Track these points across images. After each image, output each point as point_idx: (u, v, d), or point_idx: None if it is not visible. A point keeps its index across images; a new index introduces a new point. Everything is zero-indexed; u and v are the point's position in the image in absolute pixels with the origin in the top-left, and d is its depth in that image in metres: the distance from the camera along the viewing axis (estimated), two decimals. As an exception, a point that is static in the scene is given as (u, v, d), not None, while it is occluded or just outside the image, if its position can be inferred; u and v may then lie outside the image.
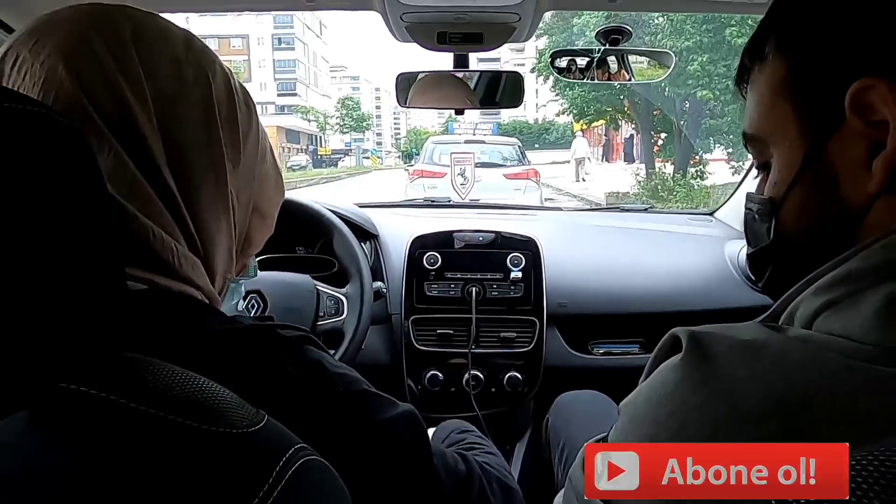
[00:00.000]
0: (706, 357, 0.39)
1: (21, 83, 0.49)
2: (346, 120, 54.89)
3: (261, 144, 0.62)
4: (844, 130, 0.43)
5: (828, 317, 0.39)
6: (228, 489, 0.40)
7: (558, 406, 1.25)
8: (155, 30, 0.54)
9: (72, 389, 0.39)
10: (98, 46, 0.49)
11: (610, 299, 1.60)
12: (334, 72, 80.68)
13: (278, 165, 0.67)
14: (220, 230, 0.56)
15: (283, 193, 0.69)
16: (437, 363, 1.56)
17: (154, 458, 0.39)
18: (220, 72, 0.57)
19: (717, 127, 12.66)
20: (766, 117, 0.49)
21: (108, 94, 0.49)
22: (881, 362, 0.34)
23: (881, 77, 0.40)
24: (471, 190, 5.65)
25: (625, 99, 16.13)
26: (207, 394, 0.43)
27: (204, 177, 0.54)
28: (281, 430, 0.46)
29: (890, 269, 0.38)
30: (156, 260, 0.51)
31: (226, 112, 0.56)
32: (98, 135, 0.48)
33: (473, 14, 1.16)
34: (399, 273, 1.58)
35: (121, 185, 0.48)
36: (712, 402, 0.37)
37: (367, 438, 0.54)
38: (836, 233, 0.45)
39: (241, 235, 0.61)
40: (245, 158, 0.59)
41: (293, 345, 0.54)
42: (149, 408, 0.40)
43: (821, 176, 0.45)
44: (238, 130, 0.58)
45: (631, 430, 0.43)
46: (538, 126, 47.74)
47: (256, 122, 0.62)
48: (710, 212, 2.02)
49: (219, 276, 0.58)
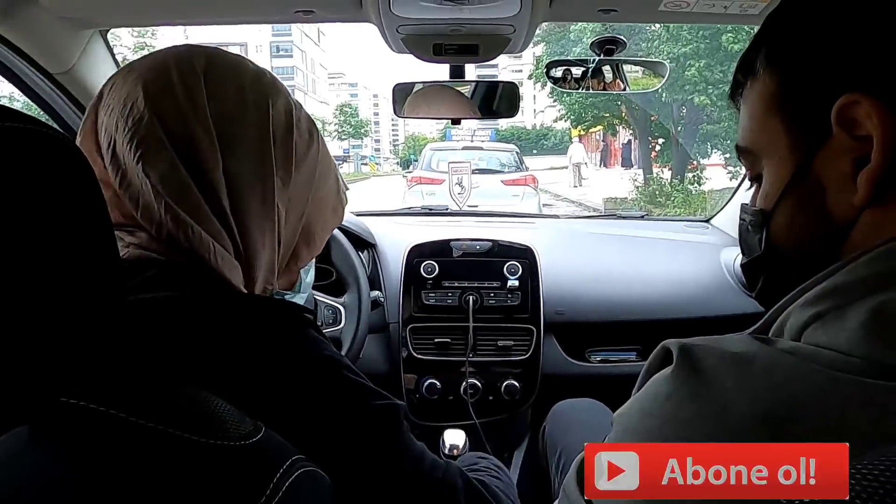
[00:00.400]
0: (696, 370, 0.39)
1: (112, 102, 0.59)
2: (344, 127, 54.83)
3: (319, 170, 0.67)
4: (831, 145, 0.43)
5: (815, 329, 0.39)
6: (226, 500, 0.40)
7: (555, 414, 1.25)
8: (225, 63, 0.62)
9: (72, 404, 0.40)
10: (173, 75, 0.58)
11: (607, 307, 1.60)
12: (332, 79, 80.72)
13: (343, 194, 0.73)
14: (263, 240, 0.61)
15: (340, 220, 0.74)
16: (435, 371, 1.56)
17: (152, 471, 0.39)
18: (282, 101, 0.64)
19: (713, 132, 12.67)
20: (758, 131, 0.50)
21: (173, 113, 0.57)
22: (868, 374, 0.34)
23: (866, 93, 0.41)
24: (468, 199, 5.64)
25: (622, 105, 16.12)
26: (206, 407, 0.44)
27: (252, 189, 0.59)
28: (278, 442, 0.46)
29: (875, 282, 0.38)
30: (193, 255, 0.56)
31: (282, 135, 0.62)
32: (158, 146, 0.56)
33: (469, 26, 1.17)
34: (397, 282, 1.58)
35: (172, 190, 0.56)
36: (702, 414, 0.37)
37: (347, 423, 0.57)
38: (825, 246, 0.45)
39: (287, 250, 0.66)
40: (299, 179, 0.64)
41: (303, 323, 0.59)
42: (147, 421, 0.40)
43: (809, 189, 0.45)
44: (292, 153, 0.63)
45: (625, 441, 0.43)
46: (536, 132, 47.63)
47: (318, 150, 0.67)
48: (707, 219, 2.03)
49: (259, 283, 0.62)
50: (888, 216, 0.42)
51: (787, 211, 0.48)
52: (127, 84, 0.59)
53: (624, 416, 0.44)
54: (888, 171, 0.41)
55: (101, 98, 0.60)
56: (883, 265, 0.39)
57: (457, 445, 1.42)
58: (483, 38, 1.22)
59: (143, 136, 0.56)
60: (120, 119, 0.57)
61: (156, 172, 0.56)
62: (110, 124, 0.58)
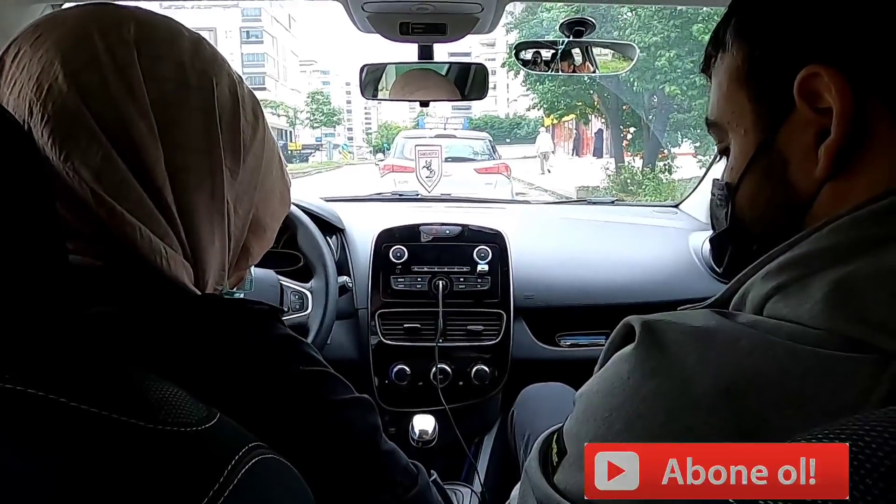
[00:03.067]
0: (659, 345, 0.39)
1: (18, 76, 0.49)
2: (316, 115, 54.41)
3: (266, 156, 0.61)
4: (794, 118, 0.44)
5: (777, 301, 0.40)
6: (175, 489, 0.38)
7: (524, 398, 1.26)
8: (159, 32, 0.53)
9: (8, 389, 0.38)
10: (98, 46, 0.49)
11: (577, 291, 1.61)
12: (304, 66, 79.77)
13: (287, 178, 0.67)
14: (213, 238, 0.56)
15: (288, 206, 0.68)
16: (405, 357, 1.55)
17: (95, 458, 0.38)
18: (226, 78, 0.56)
19: (684, 121, 12.87)
20: (725, 104, 0.50)
21: (103, 95, 0.48)
22: (828, 346, 0.34)
23: (828, 65, 0.41)
24: (437, 182, 5.60)
25: (594, 94, 16.28)
26: (153, 392, 0.42)
27: (200, 183, 0.54)
28: (234, 428, 0.45)
29: (836, 254, 0.38)
30: (141, 261, 0.50)
31: (228, 119, 0.56)
32: (89, 134, 0.48)
33: (436, 4, 1.15)
34: (365, 267, 1.57)
35: (109, 185, 0.48)
36: (664, 389, 0.37)
37: (316, 417, 0.54)
38: (788, 219, 0.46)
39: (237, 246, 0.61)
40: (246, 168, 0.58)
41: (261, 317, 0.54)
42: (91, 406, 0.38)
43: (773, 162, 0.46)
44: (240, 139, 0.57)
45: (586, 420, 0.43)
46: (509, 121, 47.89)
47: (263, 132, 0.61)
48: (676, 204, 2.05)
49: (209, 285, 0.57)
50: (849, 188, 0.42)
51: (752, 184, 0.48)
52: (38, 57, 0.49)
53: (585, 395, 0.44)
54: (848, 143, 0.41)
55: (2, 69, 0.50)
56: (844, 236, 0.39)
57: (426, 431, 1.42)
58: (450, 17, 1.20)
59: (70, 126, 0.48)
60: (35, 103, 0.48)
61: (89, 168, 0.48)
62: (20, 107, 0.48)
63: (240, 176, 0.57)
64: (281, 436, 0.48)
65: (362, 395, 0.59)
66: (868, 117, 0.41)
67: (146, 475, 0.38)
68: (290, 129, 53.22)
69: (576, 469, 0.41)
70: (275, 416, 0.51)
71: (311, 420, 0.53)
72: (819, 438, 0.28)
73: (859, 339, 0.34)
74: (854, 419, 0.28)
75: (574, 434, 0.43)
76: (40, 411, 0.37)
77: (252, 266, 0.67)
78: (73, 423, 0.38)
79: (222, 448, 0.42)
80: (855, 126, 0.41)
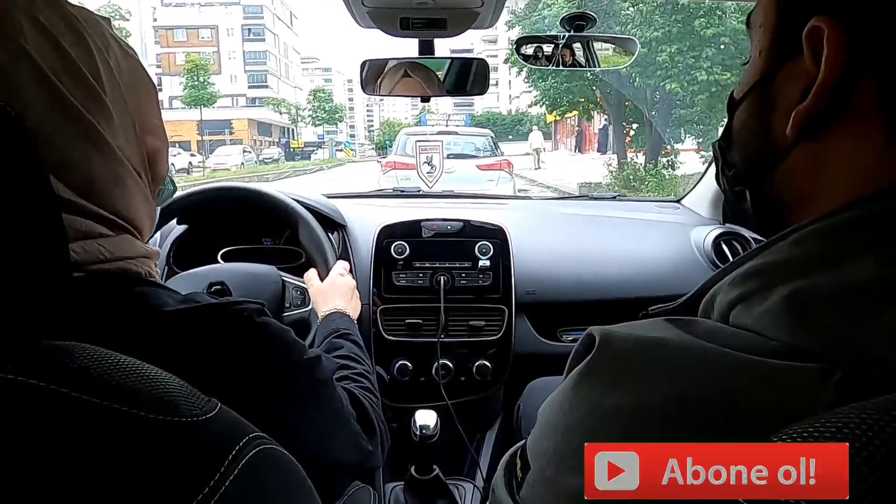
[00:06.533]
0: (615, 358, 0.40)
1: None
2: (318, 112, 54.27)
3: (124, 78, 0.57)
4: (797, 63, 0.43)
5: (741, 310, 0.40)
6: (176, 478, 0.39)
7: (531, 392, 1.26)
8: None
9: (9, 379, 0.38)
10: None
11: (578, 286, 1.61)
12: (306, 63, 79.74)
13: (148, 75, 0.62)
14: (125, 188, 0.55)
15: (156, 97, 0.64)
16: (407, 353, 1.55)
17: (97, 447, 0.38)
18: (31, 31, 0.49)
19: (687, 117, 12.82)
20: (761, 11, 0.48)
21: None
22: (780, 357, 0.34)
23: (836, 20, 0.40)
24: (438, 178, 5.58)
25: (597, 90, 16.23)
26: (153, 382, 0.42)
27: (80, 154, 0.51)
28: (234, 419, 0.45)
29: (799, 265, 0.38)
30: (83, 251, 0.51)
31: (60, 70, 0.50)
32: None
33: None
34: (367, 263, 1.57)
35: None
36: (621, 403, 0.37)
37: (310, 398, 0.59)
38: (761, 166, 0.47)
39: (144, 170, 0.59)
40: (116, 109, 0.55)
41: (246, 318, 0.56)
42: (92, 397, 0.39)
43: (765, 100, 0.46)
44: (93, 84, 0.53)
45: (545, 435, 0.43)
46: (511, 117, 47.79)
47: (117, 55, 0.57)
48: (677, 199, 2.04)
49: (146, 229, 0.58)
50: (821, 160, 0.42)
51: (745, 111, 0.49)
52: None
53: (546, 411, 0.44)
54: (821, 112, 0.41)
55: None
56: (806, 248, 0.39)
57: (428, 426, 1.42)
58: (450, 12, 1.20)
59: None
60: None
61: None
62: None
63: (114, 119, 0.55)
64: (276, 415, 0.49)
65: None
66: (854, 92, 0.40)
67: (147, 465, 0.38)
68: (292, 126, 53.19)
69: (539, 484, 0.41)
70: (271, 402, 0.52)
71: (310, 409, 0.55)
72: (813, 434, 0.28)
73: (812, 350, 0.34)
74: (850, 408, 0.28)
75: (535, 450, 0.43)
76: (42, 402, 0.38)
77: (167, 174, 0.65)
78: (75, 414, 0.38)
79: (223, 438, 0.42)
80: (834, 97, 0.40)
